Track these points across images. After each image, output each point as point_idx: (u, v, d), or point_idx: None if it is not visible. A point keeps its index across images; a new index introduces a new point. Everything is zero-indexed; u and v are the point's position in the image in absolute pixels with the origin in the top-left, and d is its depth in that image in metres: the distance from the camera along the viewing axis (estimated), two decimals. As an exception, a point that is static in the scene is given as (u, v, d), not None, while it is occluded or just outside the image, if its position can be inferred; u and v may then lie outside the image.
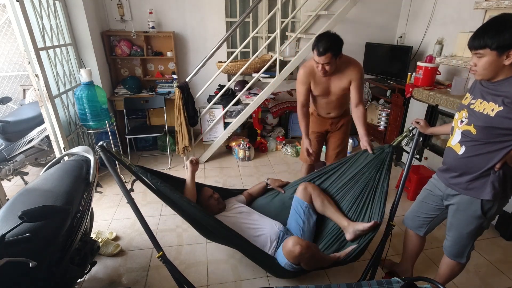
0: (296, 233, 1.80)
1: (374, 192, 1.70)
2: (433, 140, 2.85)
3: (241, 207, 1.93)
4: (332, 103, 2.05)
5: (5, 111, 3.49)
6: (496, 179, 1.24)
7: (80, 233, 1.43)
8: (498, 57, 1.12)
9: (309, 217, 1.80)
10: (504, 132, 1.17)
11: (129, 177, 1.74)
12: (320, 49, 1.72)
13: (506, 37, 1.07)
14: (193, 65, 3.61)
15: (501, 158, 1.21)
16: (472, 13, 2.74)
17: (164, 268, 1.39)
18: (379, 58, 3.66)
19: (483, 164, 1.25)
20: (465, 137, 1.28)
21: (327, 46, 1.70)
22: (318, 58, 1.77)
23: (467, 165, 1.30)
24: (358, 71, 1.88)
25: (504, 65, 1.13)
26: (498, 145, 1.20)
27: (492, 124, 1.17)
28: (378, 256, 1.61)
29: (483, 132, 1.21)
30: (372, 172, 1.72)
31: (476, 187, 1.30)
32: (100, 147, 1.44)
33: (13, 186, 2.85)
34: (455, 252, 1.48)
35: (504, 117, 1.14)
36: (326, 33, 1.78)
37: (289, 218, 1.89)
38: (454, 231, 1.45)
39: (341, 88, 1.94)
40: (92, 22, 2.97)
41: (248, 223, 1.81)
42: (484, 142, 1.22)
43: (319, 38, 1.75)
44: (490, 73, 1.17)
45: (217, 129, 3.49)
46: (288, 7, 3.71)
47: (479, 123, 1.21)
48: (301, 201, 1.82)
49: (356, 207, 1.75)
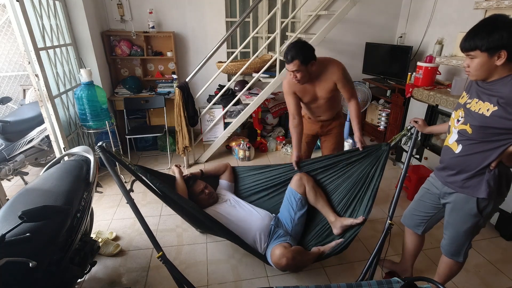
0: (286, 222, 1.88)
1: (366, 188, 1.74)
2: (433, 140, 2.85)
3: (229, 201, 2.00)
4: (322, 107, 2.03)
5: (5, 111, 3.49)
6: (492, 177, 1.26)
7: (80, 233, 1.43)
8: (489, 58, 1.13)
9: (301, 208, 1.87)
10: (499, 131, 1.18)
11: (129, 177, 1.75)
12: (288, 57, 1.74)
13: (496, 38, 1.08)
14: (193, 65, 3.61)
15: (496, 157, 1.22)
16: (472, 13, 2.74)
17: (164, 268, 1.39)
18: (379, 58, 3.65)
19: (479, 162, 1.26)
20: (462, 136, 1.29)
21: (294, 54, 1.72)
22: (287, 66, 1.78)
23: (464, 164, 1.31)
24: (338, 70, 1.86)
25: (497, 66, 1.13)
26: (494, 144, 1.21)
27: (487, 124, 1.18)
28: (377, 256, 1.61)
29: (478, 132, 1.22)
30: (367, 168, 1.77)
31: (471, 185, 1.31)
32: (99, 147, 1.44)
33: (13, 186, 2.85)
34: (452, 250, 1.49)
35: (499, 117, 1.15)
36: (296, 41, 1.80)
37: (282, 207, 1.96)
38: (451, 229, 1.46)
39: (326, 91, 1.91)
40: (92, 22, 2.97)
41: (238, 217, 1.88)
42: (479, 141, 1.24)
43: (288, 46, 1.77)
44: (483, 73, 1.18)
45: (217, 129, 3.49)
46: (288, 7, 3.71)
47: (474, 122, 1.22)
48: (294, 192, 1.87)
49: (346, 201, 1.81)
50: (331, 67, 1.87)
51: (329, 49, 3.81)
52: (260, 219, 1.87)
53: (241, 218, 1.87)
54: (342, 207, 1.82)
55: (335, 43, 3.80)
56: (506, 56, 1.10)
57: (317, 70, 1.85)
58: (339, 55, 3.89)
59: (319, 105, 2.02)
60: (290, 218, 1.86)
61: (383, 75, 3.63)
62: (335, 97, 2.00)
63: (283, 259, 1.56)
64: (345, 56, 3.94)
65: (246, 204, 2.00)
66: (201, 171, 2.16)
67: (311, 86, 1.93)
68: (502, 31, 1.07)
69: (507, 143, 1.19)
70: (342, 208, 1.81)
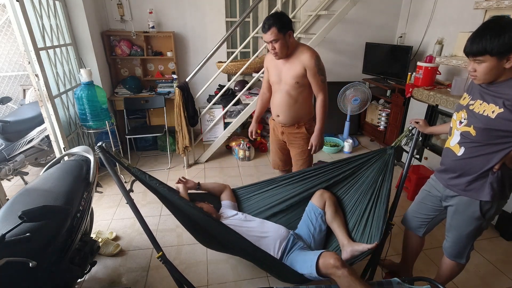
0: (306, 239, 1.76)
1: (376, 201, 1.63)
2: (433, 140, 2.85)
3: (239, 214, 1.85)
4: (281, 98, 1.91)
5: (5, 111, 3.49)
6: (495, 180, 1.25)
7: (80, 233, 1.43)
8: (498, 62, 1.11)
9: (321, 224, 1.75)
10: (504, 134, 1.16)
11: (128, 177, 1.74)
12: (265, 26, 1.71)
13: (506, 41, 1.06)
14: (193, 65, 3.61)
15: (500, 160, 1.20)
16: (472, 13, 2.74)
17: (164, 268, 1.39)
18: (379, 58, 3.65)
19: (482, 165, 1.25)
20: (465, 138, 1.27)
21: (271, 22, 1.68)
22: (265, 36, 1.74)
23: (466, 166, 1.29)
24: (311, 57, 1.77)
25: (505, 68, 1.12)
26: (498, 146, 1.20)
27: (492, 126, 1.17)
28: (377, 256, 1.61)
29: (482, 134, 1.20)
30: (375, 176, 1.70)
31: (474, 188, 1.30)
32: (99, 147, 1.43)
33: (13, 186, 2.85)
34: (454, 253, 1.48)
35: (505, 119, 1.13)
36: (273, 12, 1.79)
37: (301, 223, 1.85)
38: (454, 232, 1.44)
39: (293, 75, 1.82)
40: (92, 22, 2.97)
41: (249, 226, 1.74)
42: (483, 143, 1.22)
43: (265, 18, 1.74)
44: (491, 77, 1.16)
45: (217, 129, 3.49)
46: (288, 7, 3.71)
47: (479, 124, 1.20)
48: (315, 208, 1.77)
49: (359, 224, 1.68)
50: (306, 52, 1.80)
51: (329, 49, 3.81)
52: (275, 229, 1.73)
53: (254, 228, 1.73)
54: (355, 231, 1.69)
55: (335, 43, 3.80)
56: None
57: (291, 48, 1.81)
58: (339, 55, 3.92)
59: (280, 93, 1.91)
60: (309, 234, 1.74)
61: (383, 75, 3.63)
62: (299, 95, 1.88)
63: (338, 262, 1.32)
64: (345, 56, 3.94)
65: (257, 218, 1.86)
66: (198, 183, 2.03)
67: (280, 64, 1.87)
68: (510, 33, 1.05)
69: (511, 146, 1.18)
70: (355, 233, 1.68)
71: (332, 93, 3.47)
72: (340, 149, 3.64)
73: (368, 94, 3.46)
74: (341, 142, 3.70)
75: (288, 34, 1.74)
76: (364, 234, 1.62)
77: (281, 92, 1.91)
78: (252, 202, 2.03)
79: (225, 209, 1.93)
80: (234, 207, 1.97)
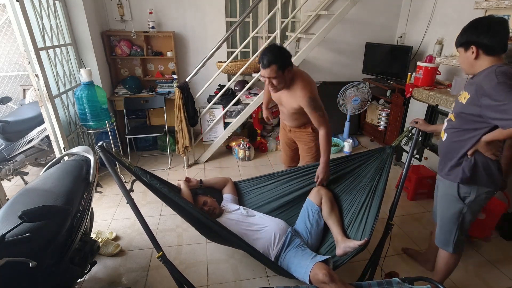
0: (303, 234, 1.79)
1: (371, 199, 1.67)
2: (433, 140, 2.86)
3: (241, 209, 1.91)
4: (284, 113, 1.96)
5: (5, 111, 3.49)
6: (467, 165, 1.34)
7: (80, 233, 1.43)
8: (465, 53, 1.28)
9: (318, 220, 1.79)
10: (472, 118, 1.27)
11: (129, 177, 1.74)
12: (264, 61, 1.63)
13: (468, 34, 1.25)
14: (193, 65, 3.61)
15: (471, 146, 1.31)
16: (472, 13, 2.74)
17: (164, 268, 1.39)
18: (379, 58, 3.65)
19: (458, 150, 1.36)
20: (448, 125, 1.42)
21: (271, 58, 1.62)
22: (263, 71, 1.68)
23: (447, 150, 1.43)
24: (303, 96, 1.71)
25: (475, 60, 1.26)
26: (471, 133, 1.30)
27: (463, 110, 1.30)
28: (377, 256, 1.61)
29: (457, 119, 1.35)
30: (373, 174, 1.73)
31: (453, 173, 1.41)
32: (99, 147, 1.44)
33: (13, 186, 2.85)
34: (441, 239, 1.56)
35: (471, 103, 1.25)
36: (271, 45, 1.70)
37: (298, 219, 1.88)
38: (438, 216, 1.55)
39: (290, 107, 1.83)
40: (92, 22, 2.97)
41: (250, 222, 1.80)
42: (460, 129, 1.34)
43: (264, 50, 1.68)
44: (466, 67, 1.32)
45: (217, 129, 3.49)
46: (288, 7, 3.71)
47: (456, 110, 1.36)
48: (312, 204, 1.81)
49: (354, 220, 1.71)
50: (300, 91, 1.73)
51: (329, 49, 3.82)
52: (275, 223, 1.79)
53: (254, 223, 1.80)
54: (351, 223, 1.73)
55: (335, 43, 3.80)
56: (476, 51, 1.23)
57: (289, 81, 1.75)
58: (339, 55, 3.92)
59: (282, 110, 1.95)
60: (306, 230, 1.78)
61: (383, 75, 3.63)
62: (298, 114, 1.87)
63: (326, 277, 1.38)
64: (345, 56, 3.94)
65: (258, 212, 1.93)
66: (200, 180, 2.07)
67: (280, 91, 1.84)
68: (470, 29, 1.25)
69: (481, 133, 1.27)
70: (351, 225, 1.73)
71: (332, 93, 3.49)
72: (340, 149, 3.64)
73: (368, 94, 3.46)
74: (341, 142, 3.70)
75: (287, 70, 1.69)
76: (358, 231, 1.66)
77: (282, 109, 1.96)
78: (253, 196, 2.10)
79: (227, 203, 1.99)
80: (235, 200, 2.04)
